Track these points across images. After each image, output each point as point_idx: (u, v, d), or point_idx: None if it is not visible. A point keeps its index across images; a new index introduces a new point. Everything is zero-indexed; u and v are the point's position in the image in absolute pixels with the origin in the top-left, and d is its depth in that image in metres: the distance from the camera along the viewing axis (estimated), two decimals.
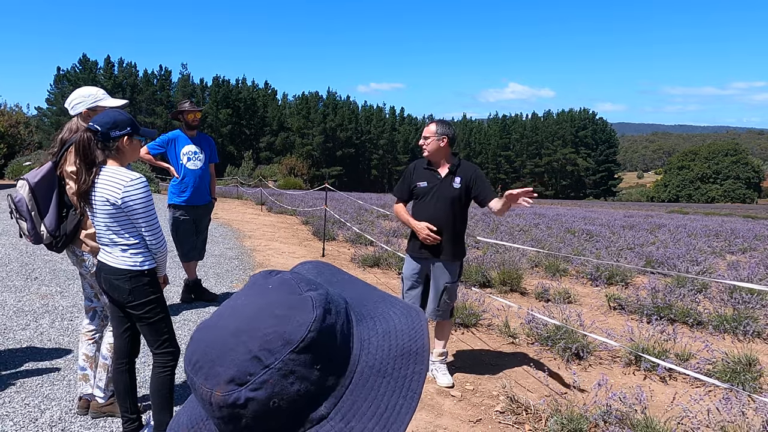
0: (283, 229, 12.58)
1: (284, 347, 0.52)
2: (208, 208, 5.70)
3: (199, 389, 0.53)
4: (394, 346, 0.58)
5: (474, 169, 3.86)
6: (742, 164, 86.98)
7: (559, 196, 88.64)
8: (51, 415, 3.12)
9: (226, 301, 0.59)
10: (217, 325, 0.55)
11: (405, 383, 0.56)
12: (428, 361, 0.59)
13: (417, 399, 0.56)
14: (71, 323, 4.72)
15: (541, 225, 14.43)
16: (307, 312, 0.54)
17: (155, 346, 2.73)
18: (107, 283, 2.67)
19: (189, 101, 5.58)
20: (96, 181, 2.57)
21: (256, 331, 0.53)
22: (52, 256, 7.28)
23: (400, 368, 0.57)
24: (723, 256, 10.44)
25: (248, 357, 0.51)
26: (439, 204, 3.77)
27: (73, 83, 64.84)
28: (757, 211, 38.38)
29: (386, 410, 0.54)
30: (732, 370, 3.99)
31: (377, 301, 0.65)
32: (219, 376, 0.52)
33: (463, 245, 3.93)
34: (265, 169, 56.27)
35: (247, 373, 0.51)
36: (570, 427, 3.13)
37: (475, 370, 4.18)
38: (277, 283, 0.58)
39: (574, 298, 6.41)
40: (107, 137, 2.54)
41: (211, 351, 0.53)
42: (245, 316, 0.54)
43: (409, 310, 0.63)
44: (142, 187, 2.56)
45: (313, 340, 0.52)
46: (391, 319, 0.61)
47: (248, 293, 0.58)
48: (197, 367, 0.54)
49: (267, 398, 0.51)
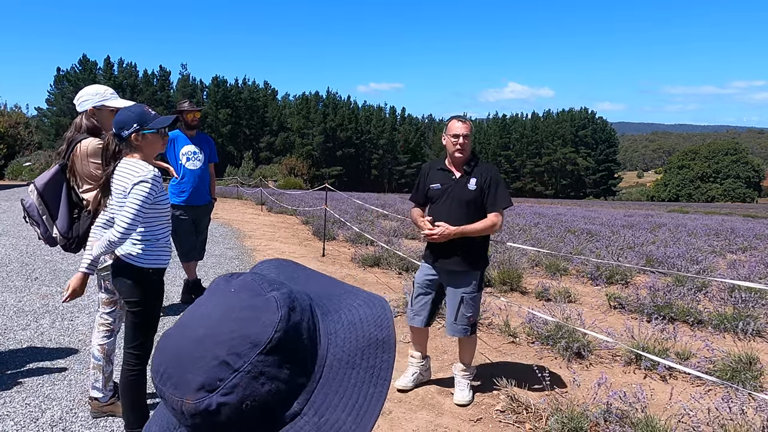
0: (283, 228, 12.58)
1: (252, 350, 0.52)
2: (207, 208, 5.69)
3: (169, 398, 0.53)
4: (361, 336, 0.59)
5: (492, 172, 3.54)
6: (742, 163, 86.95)
7: (559, 195, 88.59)
8: (52, 415, 3.12)
9: (189, 307, 0.59)
10: (182, 333, 0.55)
11: (374, 372, 0.57)
12: (395, 348, 0.60)
13: (387, 387, 0.57)
14: (72, 323, 4.72)
15: (541, 224, 14.43)
16: (272, 312, 0.54)
17: (129, 344, 2.76)
18: (114, 274, 2.72)
19: (188, 101, 5.58)
20: (114, 174, 2.65)
21: (222, 336, 0.53)
22: (53, 256, 7.28)
23: (368, 358, 0.58)
24: (723, 255, 10.44)
25: (216, 362, 0.52)
26: (453, 207, 3.48)
27: (73, 84, 64.73)
28: (757, 210, 38.36)
29: (358, 400, 0.55)
30: (732, 369, 3.99)
31: (341, 294, 0.65)
32: (188, 384, 0.52)
33: (482, 253, 3.58)
34: (265, 169, 56.27)
35: (216, 379, 0.51)
36: (570, 426, 3.13)
37: (475, 370, 4.18)
38: (239, 286, 0.58)
39: (575, 297, 6.41)
40: (120, 138, 2.66)
41: (179, 359, 0.53)
42: (210, 322, 0.54)
43: (372, 300, 0.64)
44: (152, 177, 2.58)
45: (280, 339, 0.53)
46: (355, 310, 0.62)
47: (211, 298, 0.58)
48: (165, 376, 0.54)
49: (239, 402, 0.51)
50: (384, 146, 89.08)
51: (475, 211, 3.49)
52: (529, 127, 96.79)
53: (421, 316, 3.67)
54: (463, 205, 3.48)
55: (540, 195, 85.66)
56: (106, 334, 3.15)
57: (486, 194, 3.49)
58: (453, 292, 3.55)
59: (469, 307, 3.52)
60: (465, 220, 3.44)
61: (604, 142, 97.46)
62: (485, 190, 3.48)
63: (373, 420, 0.54)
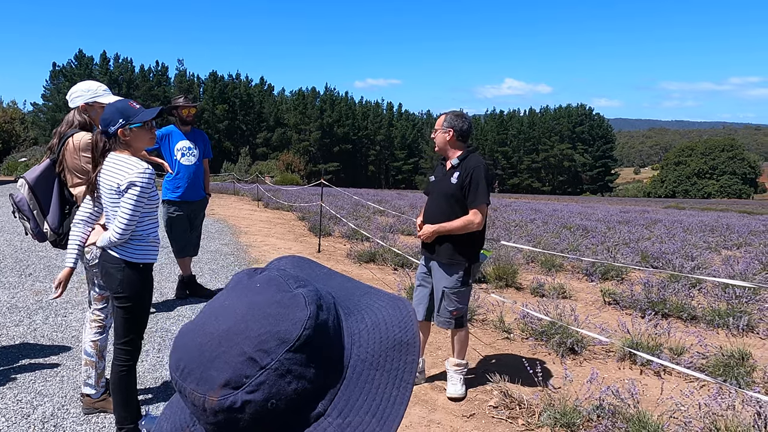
0: (279, 225, 12.57)
1: (280, 347, 0.50)
2: (202, 204, 5.68)
3: (190, 395, 0.52)
4: (385, 338, 0.58)
5: (473, 167, 3.47)
6: (739, 160, 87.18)
7: (556, 191, 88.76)
8: (43, 411, 3.11)
9: (209, 302, 0.57)
10: (204, 329, 0.53)
11: (398, 375, 0.56)
12: (419, 351, 0.59)
13: (410, 389, 0.56)
14: (65, 319, 4.71)
15: (537, 220, 14.44)
16: (301, 309, 0.52)
17: (120, 340, 2.75)
18: (103, 269, 2.72)
19: (183, 96, 5.55)
20: (102, 170, 2.65)
21: (249, 332, 0.51)
22: (47, 252, 7.26)
23: (392, 360, 0.56)
24: (718, 251, 10.47)
25: (243, 359, 0.50)
26: (437, 200, 3.58)
27: (69, 79, 64.52)
28: (753, 207, 38.50)
29: (381, 402, 0.54)
30: (725, 365, 4.00)
31: (361, 294, 0.64)
32: (212, 381, 0.50)
33: (466, 248, 3.50)
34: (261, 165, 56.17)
35: (242, 376, 0.50)
36: (563, 422, 3.14)
37: (469, 365, 4.18)
38: (265, 281, 0.56)
39: (570, 293, 6.42)
40: (108, 134, 2.65)
41: (201, 355, 0.52)
42: (234, 317, 0.53)
43: (395, 301, 0.62)
44: (147, 177, 2.60)
45: (309, 337, 0.51)
46: (378, 311, 0.60)
47: (234, 293, 0.56)
48: (186, 372, 0.52)
49: (264, 400, 0.50)
50: (381, 142, 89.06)
51: (457, 206, 3.49)
52: (526, 123, 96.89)
53: (418, 309, 3.74)
54: (443, 198, 3.54)
55: (537, 191, 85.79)
56: (98, 331, 3.14)
57: (466, 190, 3.47)
58: (437, 285, 3.60)
59: (451, 302, 3.53)
60: (447, 214, 3.49)
61: (601, 139, 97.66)
62: (465, 186, 3.46)
63: (397, 422, 0.53)
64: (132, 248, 2.67)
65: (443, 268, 3.54)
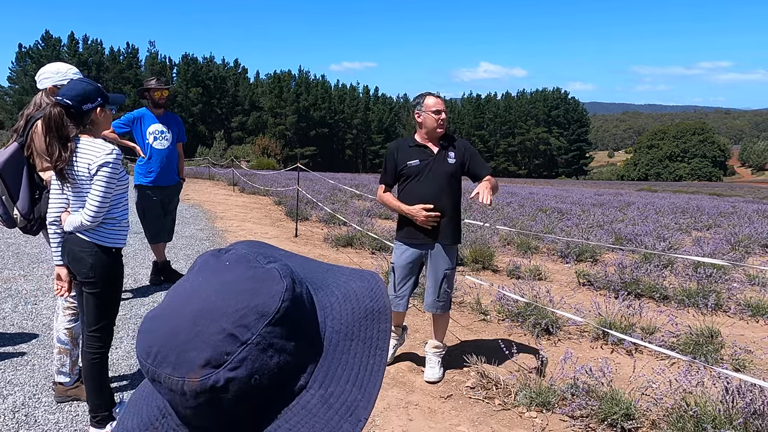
0: (255, 209, 12.45)
1: (259, 320, 0.50)
2: (176, 189, 5.58)
3: (166, 381, 0.50)
4: (357, 308, 0.58)
5: (466, 144, 3.67)
6: (709, 143, 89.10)
7: (531, 175, 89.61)
8: (14, 401, 3.05)
9: (174, 286, 0.56)
10: (174, 311, 0.52)
11: (373, 343, 0.57)
12: (391, 318, 0.60)
13: (386, 356, 0.58)
14: (35, 307, 4.61)
15: (513, 203, 14.57)
16: (276, 282, 0.52)
17: (91, 327, 2.69)
18: (71, 254, 2.63)
19: (156, 78, 5.41)
20: (75, 155, 2.52)
21: (226, 308, 0.50)
22: (16, 238, 7.08)
23: (366, 329, 0.58)
24: (689, 233, 10.70)
25: (222, 336, 0.49)
26: (436, 181, 3.48)
27: (36, 61, 62.69)
28: (723, 189, 39.43)
29: (360, 371, 0.55)
30: (695, 342, 4.10)
31: (324, 270, 0.65)
32: (191, 362, 0.49)
33: (459, 227, 3.65)
34: (237, 149, 55.51)
35: (223, 353, 0.49)
36: (538, 401, 3.19)
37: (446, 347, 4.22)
38: (234, 259, 0.55)
39: (545, 275, 6.51)
40: (80, 111, 2.50)
41: (176, 338, 0.50)
42: (207, 296, 0.52)
43: (362, 274, 0.63)
44: (115, 159, 2.54)
45: (287, 309, 0.51)
46: (345, 284, 0.61)
47: (202, 274, 0.55)
48: (159, 358, 0.50)
49: (248, 376, 0.49)
50: (358, 126, 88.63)
51: (455, 183, 3.59)
52: (502, 107, 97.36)
53: (405, 300, 3.67)
54: (444, 178, 3.53)
55: (513, 174, 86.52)
56: (72, 318, 3.08)
57: (467, 164, 3.58)
58: (435, 269, 3.54)
59: (450, 283, 3.62)
60: (448, 192, 3.54)
61: (576, 122, 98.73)
62: (465, 161, 3.58)
63: (377, 389, 0.55)
64: (105, 232, 2.61)
65: (446, 250, 3.54)
